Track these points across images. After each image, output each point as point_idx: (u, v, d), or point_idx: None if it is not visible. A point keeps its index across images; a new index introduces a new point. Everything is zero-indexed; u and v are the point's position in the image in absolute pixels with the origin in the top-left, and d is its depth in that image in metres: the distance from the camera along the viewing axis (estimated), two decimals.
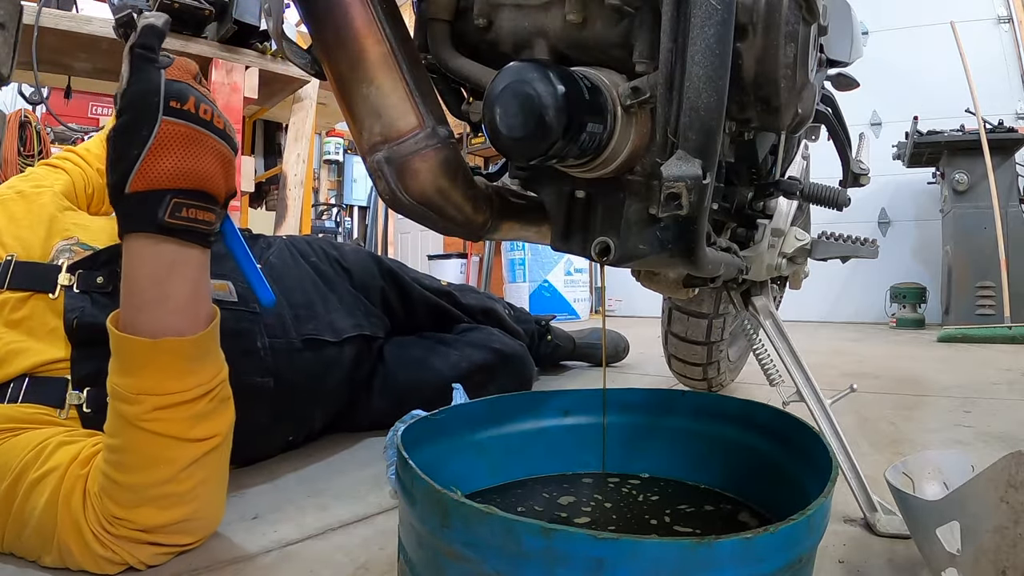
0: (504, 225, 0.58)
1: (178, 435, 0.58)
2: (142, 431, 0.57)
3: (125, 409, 0.57)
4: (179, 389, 0.58)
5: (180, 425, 0.58)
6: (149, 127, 0.55)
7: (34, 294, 0.70)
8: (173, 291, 0.58)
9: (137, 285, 0.57)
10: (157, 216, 0.55)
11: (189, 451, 0.59)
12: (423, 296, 1.27)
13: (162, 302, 0.57)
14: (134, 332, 0.56)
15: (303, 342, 0.95)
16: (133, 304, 0.57)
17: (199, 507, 0.62)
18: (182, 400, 0.58)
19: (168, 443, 0.58)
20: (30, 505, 0.58)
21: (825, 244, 0.87)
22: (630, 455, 0.70)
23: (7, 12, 0.50)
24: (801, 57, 0.46)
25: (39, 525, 0.58)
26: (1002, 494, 0.44)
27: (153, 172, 0.55)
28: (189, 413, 0.59)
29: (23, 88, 2.08)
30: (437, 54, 0.55)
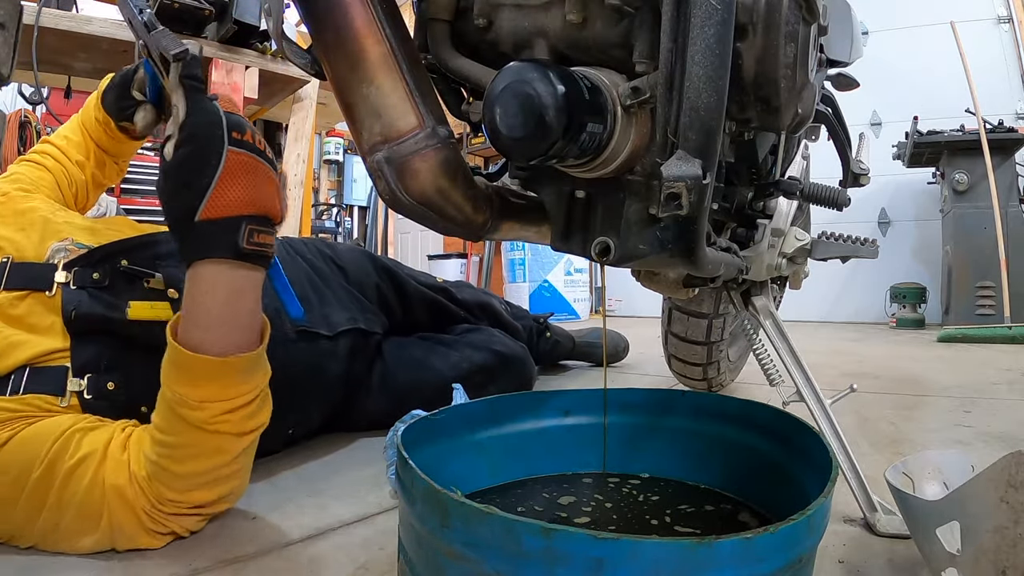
0: (504, 225, 0.58)
1: (235, 431, 0.64)
2: (205, 432, 0.62)
3: (189, 414, 0.61)
4: (240, 394, 0.63)
5: (238, 424, 0.64)
6: (217, 157, 0.58)
7: (31, 293, 0.70)
8: (241, 311, 0.62)
9: (207, 308, 0.60)
10: (237, 243, 0.59)
11: (242, 443, 0.65)
12: (419, 291, 1.27)
13: (230, 322, 0.62)
14: (202, 351, 0.59)
15: (297, 334, 0.95)
16: (201, 325, 0.61)
17: (239, 482, 0.69)
18: (242, 404, 0.63)
19: (226, 439, 0.63)
20: (69, 491, 0.60)
21: (825, 244, 0.87)
22: (630, 455, 0.70)
23: (7, 12, 0.50)
24: (801, 57, 0.46)
25: (82, 508, 0.61)
26: (1002, 494, 0.44)
27: (226, 200, 0.58)
28: (246, 413, 0.64)
29: (23, 88, 2.08)
30: (437, 54, 0.55)
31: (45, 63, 1.68)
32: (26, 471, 0.60)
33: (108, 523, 0.61)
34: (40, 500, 0.61)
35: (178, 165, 0.58)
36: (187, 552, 0.65)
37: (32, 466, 0.60)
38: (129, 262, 0.77)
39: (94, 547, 0.62)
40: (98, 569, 0.61)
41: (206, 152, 0.57)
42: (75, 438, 0.63)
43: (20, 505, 0.61)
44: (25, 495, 0.60)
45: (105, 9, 1.68)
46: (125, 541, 0.63)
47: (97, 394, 0.68)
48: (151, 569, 0.61)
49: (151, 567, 0.62)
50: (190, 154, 0.58)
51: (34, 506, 0.61)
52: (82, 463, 0.61)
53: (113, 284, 0.75)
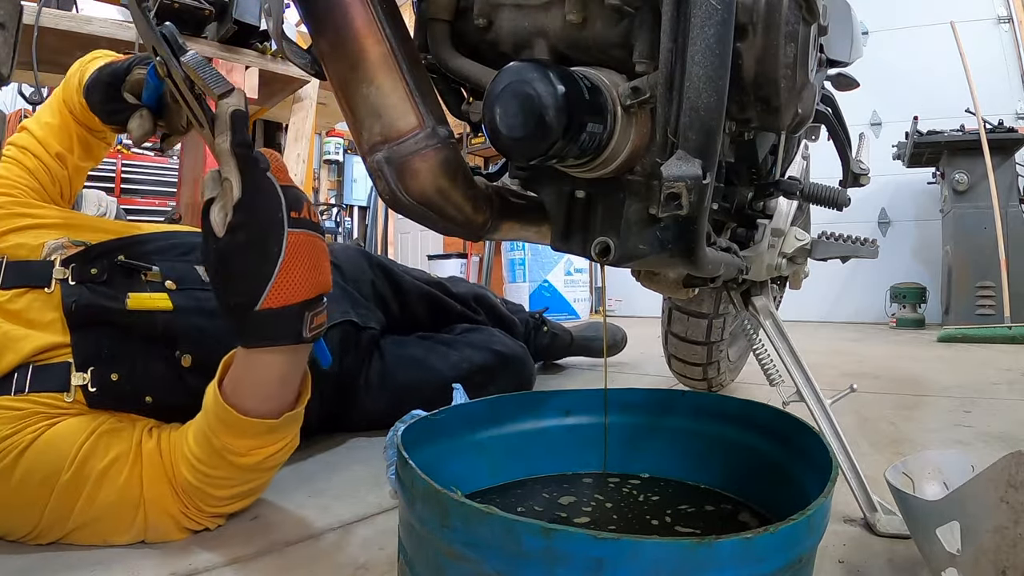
0: (504, 225, 0.58)
1: (277, 464, 0.69)
2: (253, 471, 0.66)
3: (237, 460, 0.64)
4: (282, 437, 0.66)
5: (281, 457, 0.68)
6: (278, 243, 0.56)
7: (30, 289, 0.71)
8: (295, 383, 0.65)
9: (264, 384, 0.62)
10: (302, 334, 0.59)
11: (279, 468, 0.71)
12: (415, 285, 1.28)
13: (285, 394, 0.64)
14: (258, 416, 0.62)
15: None
16: (257, 397, 0.62)
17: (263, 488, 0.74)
18: (286, 444, 0.67)
19: (267, 472, 0.69)
20: (103, 493, 0.63)
21: (825, 244, 0.87)
22: (630, 455, 0.70)
23: (7, 12, 0.50)
24: (801, 57, 0.46)
25: (117, 508, 0.63)
26: (1002, 494, 0.44)
27: (288, 288, 0.57)
28: (289, 448, 0.68)
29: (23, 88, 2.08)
30: (437, 54, 0.55)
31: (45, 63, 1.68)
32: (54, 473, 0.62)
33: (144, 522, 0.65)
34: (71, 501, 0.62)
35: (236, 251, 0.55)
36: (187, 552, 0.65)
37: (60, 468, 0.62)
38: (126, 257, 0.77)
39: (127, 541, 0.66)
40: (98, 569, 0.61)
41: (267, 239, 0.55)
42: (103, 440, 0.64)
43: (49, 506, 0.62)
44: (55, 496, 0.62)
45: (105, 9, 1.68)
46: (158, 536, 0.66)
47: (101, 386, 0.69)
48: (151, 569, 0.61)
49: (151, 567, 0.62)
50: (250, 241, 0.55)
51: (65, 506, 0.62)
52: (113, 465, 0.64)
53: (111, 278, 0.75)
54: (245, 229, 0.55)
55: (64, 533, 0.64)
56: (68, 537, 0.64)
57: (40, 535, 0.64)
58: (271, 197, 0.56)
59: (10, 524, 0.64)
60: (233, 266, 0.56)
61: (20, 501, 0.62)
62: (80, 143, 0.86)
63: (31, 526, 0.63)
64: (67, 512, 0.62)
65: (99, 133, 0.86)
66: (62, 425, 0.64)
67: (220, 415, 0.62)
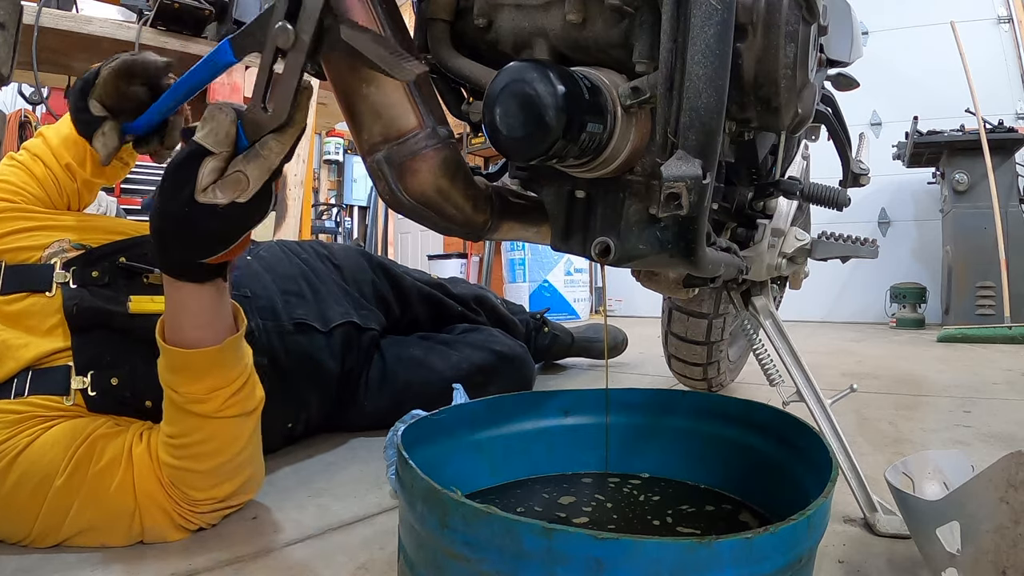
0: (504, 225, 0.58)
1: (242, 412, 0.66)
2: (220, 419, 0.64)
3: (201, 408, 0.63)
4: (237, 375, 0.65)
5: (243, 403, 0.66)
6: (245, 230, 0.56)
7: (30, 294, 0.70)
8: (224, 307, 0.64)
9: (197, 312, 0.61)
10: (226, 274, 0.61)
11: (250, 423, 0.68)
12: (415, 285, 1.28)
13: (217, 317, 0.63)
14: (200, 345, 0.61)
15: (294, 325, 0.97)
16: (196, 325, 0.61)
17: (253, 469, 0.72)
18: (241, 384, 0.65)
19: (239, 421, 0.66)
20: (97, 496, 0.63)
21: (825, 244, 0.87)
22: (630, 455, 0.70)
23: (7, 12, 0.50)
24: (801, 57, 0.46)
25: (112, 511, 0.63)
26: (1002, 494, 0.44)
27: (231, 254, 0.57)
28: (246, 392, 0.66)
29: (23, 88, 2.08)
30: (437, 54, 0.55)
31: (45, 63, 1.68)
32: (48, 478, 0.61)
33: (140, 523, 0.65)
34: (64, 506, 0.62)
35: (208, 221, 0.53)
36: (187, 552, 0.65)
37: (54, 473, 0.61)
38: (128, 259, 0.77)
39: (125, 543, 0.65)
40: (98, 569, 0.61)
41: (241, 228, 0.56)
42: (98, 444, 0.64)
43: (43, 511, 0.62)
44: (48, 501, 0.61)
45: (105, 9, 1.68)
46: (155, 537, 0.66)
47: (101, 390, 0.69)
48: (151, 569, 0.61)
49: (151, 567, 0.62)
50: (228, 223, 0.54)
51: (58, 511, 0.62)
52: (106, 471, 0.63)
53: (113, 281, 0.75)
54: (229, 218, 0.54)
55: (60, 539, 0.64)
56: (65, 543, 0.64)
57: (36, 540, 0.63)
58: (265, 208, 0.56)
59: (5, 528, 0.64)
60: (194, 232, 0.54)
61: (14, 505, 0.62)
62: (92, 159, 0.83)
63: (26, 531, 0.63)
64: (61, 517, 0.62)
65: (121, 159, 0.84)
66: (57, 429, 0.64)
67: (168, 360, 0.61)
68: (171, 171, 0.52)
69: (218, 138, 0.50)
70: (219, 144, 0.51)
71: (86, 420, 0.66)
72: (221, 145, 0.51)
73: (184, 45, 1.65)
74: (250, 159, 0.51)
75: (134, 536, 0.65)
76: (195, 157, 0.51)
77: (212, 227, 0.54)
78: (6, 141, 2.16)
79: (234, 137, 0.51)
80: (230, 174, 0.51)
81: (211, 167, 0.51)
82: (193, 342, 0.61)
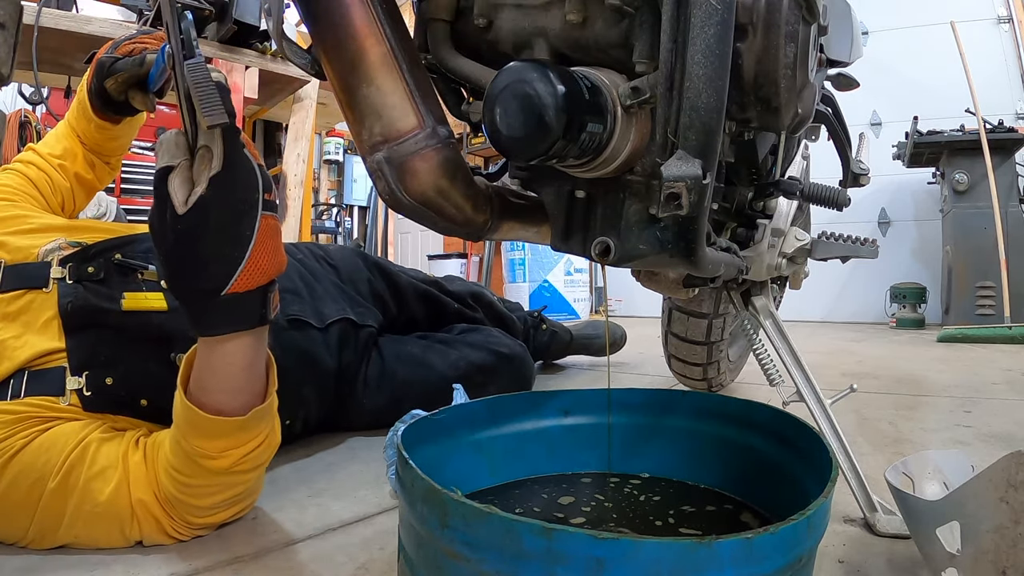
0: (504, 225, 0.58)
1: (256, 465, 0.66)
2: (229, 475, 0.63)
3: (210, 464, 0.61)
4: (257, 435, 0.63)
5: (258, 458, 0.65)
6: (251, 226, 0.53)
7: (28, 291, 0.71)
8: (258, 370, 0.62)
9: (228, 375, 0.59)
10: (265, 316, 0.57)
11: (257, 473, 0.68)
12: (411, 283, 1.29)
13: (250, 383, 0.61)
14: (224, 413, 0.59)
15: (288, 321, 0.97)
16: (222, 390, 0.59)
17: (254, 496, 0.73)
18: (260, 441, 0.64)
19: (248, 474, 0.66)
20: (89, 502, 0.62)
21: (825, 244, 0.87)
22: (631, 455, 0.70)
23: (7, 12, 0.50)
24: (801, 57, 0.46)
25: (107, 519, 0.63)
26: (1002, 494, 0.44)
27: (257, 272, 0.54)
28: (264, 447, 0.65)
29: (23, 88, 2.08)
30: (437, 54, 0.55)
31: (45, 63, 1.68)
32: (42, 480, 0.61)
33: (137, 529, 0.64)
34: (58, 509, 0.62)
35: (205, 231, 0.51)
36: (187, 552, 0.65)
37: (48, 475, 0.61)
38: (123, 256, 0.78)
39: (123, 545, 0.65)
40: (98, 569, 0.61)
41: (240, 220, 0.52)
42: (91, 448, 0.64)
43: (38, 513, 0.62)
44: (42, 503, 0.61)
45: (105, 9, 1.68)
46: (150, 541, 0.66)
47: (96, 390, 0.69)
48: (151, 569, 0.61)
49: (151, 567, 0.62)
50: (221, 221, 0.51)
51: (52, 514, 0.62)
52: (100, 476, 0.62)
53: (108, 277, 0.75)
54: (218, 207, 0.51)
55: (58, 542, 0.63)
56: (65, 544, 0.64)
57: (33, 541, 0.63)
58: (250, 174, 0.52)
59: (2, 529, 0.64)
60: (201, 248, 0.51)
61: (10, 506, 0.62)
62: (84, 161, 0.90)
63: (21, 532, 0.63)
64: (56, 520, 0.62)
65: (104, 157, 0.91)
66: (53, 431, 0.64)
67: (187, 417, 0.59)
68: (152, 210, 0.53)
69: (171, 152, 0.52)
70: (174, 156, 0.52)
71: (82, 423, 0.66)
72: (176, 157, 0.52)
73: None
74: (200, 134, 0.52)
75: (131, 540, 0.65)
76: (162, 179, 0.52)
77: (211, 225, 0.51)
78: (6, 141, 2.16)
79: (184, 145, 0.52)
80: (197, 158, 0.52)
81: (178, 180, 0.51)
82: (216, 408, 0.59)
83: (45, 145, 0.89)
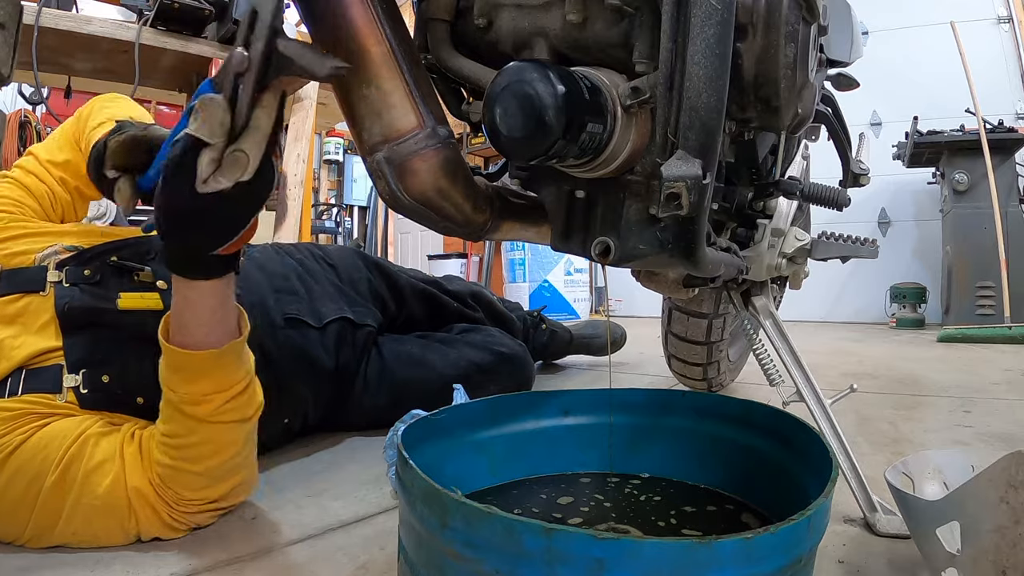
0: (504, 225, 0.58)
1: (239, 418, 0.67)
2: (215, 424, 0.64)
3: (196, 410, 0.63)
4: (237, 381, 0.65)
5: (241, 410, 0.67)
6: (253, 215, 0.56)
7: (25, 295, 0.71)
8: (229, 308, 0.64)
9: (203, 311, 0.62)
10: (237, 268, 0.61)
11: (246, 429, 0.69)
12: (410, 283, 1.29)
13: (222, 319, 0.63)
14: (202, 347, 0.62)
15: (285, 320, 0.97)
16: (200, 324, 0.62)
17: (247, 472, 0.72)
18: (240, 390, 0.66)
19: (235, 427, 0.67)
20: (88, 496, 0.63)
21: (825, 244, 0.87)
22: (631, 455, 0.70)
23: (7, 12, 0.50)
24: (801, 57, 0.46)
25: (106, 513, 0.64)
26: (1002, 494, 0.44)
27: (241, 242, 0.57)
28: (244, 397, 0.67)
29: (23, 88, 2.08)
30: (437, 54, 0.55)
31: (45, 63, 1.68)
32: (40, 476, 0.62)
33: (136, 523, 0.65)
34: (57, 504, 0.62)
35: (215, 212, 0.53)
36: (187, 551, 0.65)
37: (46, 471, 0.62)
38: (119, 258, 0.78)
39: (122, 543, 0.66)
40: (98, 569, 0.61)
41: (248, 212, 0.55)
42: (89, 443, 0.64)
43: (36, 509, 0.62)
44: (41, 499, 0.62)
45: (105, 9, 1.68)
46: (148, 535, 0.67)
47: (93, 388, 0.69)
48: (151, 568, 0.61)
49: (151, 566, 0.62)
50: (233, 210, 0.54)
51: (51, 509, 0.62)
52: (100, 468, 0.63)
53: (104, 279, 0.76)
54: (234, 203, 0.53)
55: (56, 540, 0.64)
56: (62, 545, 0.64)
57: (32, 540, 0.64)
58: (270, 182, 0.55)
59: (1, 527, 0.64)
60: (203, 222, 0.54)
61: (8, 502, 0.62)
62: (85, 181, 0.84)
63: (20, 529, 0.63)
64: (54, 516, 0.62)
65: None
66: (51, 427, 0.64)
67: (168, 360, 0.62)
68: (171, 167, 0.52)
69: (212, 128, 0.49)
70: (214, 134, 0.49)
71: (79, 419, 0.67)
72: (216, 135, 0.49)
73: (184, 45, 1.65)
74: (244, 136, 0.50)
75: (130, 535, 0.65)
76: (192, 149, 0.50)
77: (220, 213, 0.54)
78: (6, 141, 2.16)
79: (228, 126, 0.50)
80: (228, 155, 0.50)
81: (209, 158, 0.50)
82: (195, 343, 0.62)
83: (47, 151, 0.85)
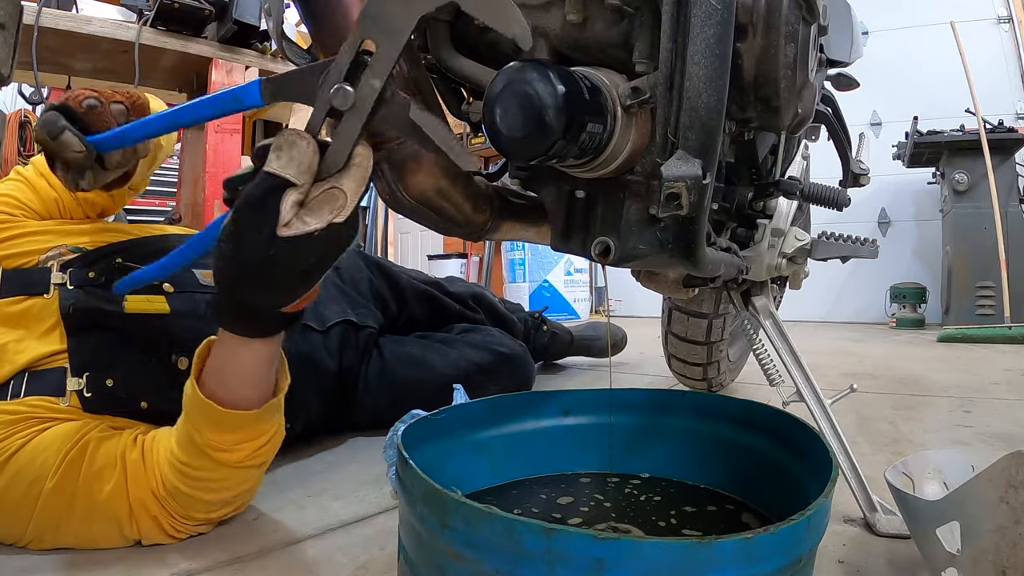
0: (504, 225, 0.58)
1: (264, 461, 0.68)
2: (240, 469, 0.65)
3: (223, 457, 0.63)
4: (268, 430, 0.65)
5: (267, 454, 0.67)
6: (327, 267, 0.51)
7: (28, 297, 0.71)
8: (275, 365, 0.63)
9: (249, 371, 0.60)
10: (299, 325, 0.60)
11: (264, 469, 0.70)
12: (412, 283, 1.29)
13: (266, 379, 0.62)
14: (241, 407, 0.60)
15: None
16: (242, 385, 0.60)
17: (254, 490, 0.73)
18: (269, 437, 0.66)
19: (257, 469, 0.68)
20: (87, 503, 0.62)
21: (825, 244, 0.87)
22: (631, 455, 0.70)
23: (7, 12, 0.50)
24: (801, 57, 0.46)
25: (105, 519, 0.63)
26: (1002, 494, 0.44)
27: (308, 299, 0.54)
28: (272, 443, 0.67)
29: (23, 88, 2.08)
30: (437, 54, 0.55)
31: (45, 63, 1.68)
32: (40, 479, 0.61)
33: (136, 528, 0.65)
34: (56, 508, 0.62)
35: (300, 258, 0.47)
36: (187, 552, 0.65)
37: (46, 475, 0.61)
38: (124, 260, 0.77)
39: (121, 545, 0.66)
40: (98, 569, 0.61)
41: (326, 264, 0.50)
42: (90, 447, 0.64)
43: (36, 513, 0.62)
44: (40, 503, 0.61)
45: (105, 9, 1.68)
46: (149, 541, 0.66)
47: (96, 391, 0.69)
48: (151, 569, 0.61)
49: (151, 567, 0.62)
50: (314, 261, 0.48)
51: (51, 513, 0.62)
52: (100, 474, 0.63)
53: (109, 281, 0.75)
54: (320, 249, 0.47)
55: (57, 543, 0.64)
56: (64, 544, 0.64)
57: (32, 542, 0.63)
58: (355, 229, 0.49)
59: (1, 529, 0.64)
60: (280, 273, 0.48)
61: (8, 505, 0.62)
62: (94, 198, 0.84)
63: (21, 531, 0.63)
64: (54, 520, 0.62)
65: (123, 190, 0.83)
66: (52, 431, 0.64)
67: (202, 410, 0.60)
68: (245, 210, 0.46)
69: (300, 168, 0.45)
70: (301, 175, 0.45)
71: (81, 423, 0.66)
72: (303, 176, 0.45)
73: (184, 45, 1.65)
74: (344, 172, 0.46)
75: (130, 540, 0.65)
76: (275, 190, 0.45)
77: (299, 262, 0.48)
78: (6, 141, 2.16)
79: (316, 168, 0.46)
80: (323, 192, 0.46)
81: (293, 199, 0.45)
82: (233, 402, 0.60)
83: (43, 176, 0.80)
